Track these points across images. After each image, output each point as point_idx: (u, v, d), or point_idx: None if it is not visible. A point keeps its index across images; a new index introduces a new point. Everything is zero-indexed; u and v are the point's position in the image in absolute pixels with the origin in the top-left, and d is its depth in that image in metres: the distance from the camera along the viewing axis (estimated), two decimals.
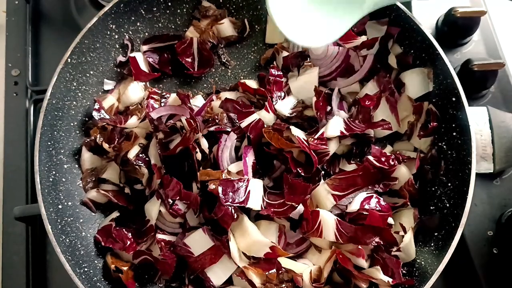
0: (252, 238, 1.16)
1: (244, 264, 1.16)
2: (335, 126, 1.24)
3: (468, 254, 1.26)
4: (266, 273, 1.14)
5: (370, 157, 1.20)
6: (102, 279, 1.21)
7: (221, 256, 1.17)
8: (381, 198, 1.18)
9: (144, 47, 1.44)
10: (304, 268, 1.17)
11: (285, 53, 1.40)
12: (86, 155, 1.33)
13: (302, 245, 1.23)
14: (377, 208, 1.15)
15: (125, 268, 1.21)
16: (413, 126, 1.29)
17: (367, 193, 1.19)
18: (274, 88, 1.33)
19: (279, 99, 1.33)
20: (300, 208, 1.18)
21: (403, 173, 1.23)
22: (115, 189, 1.31)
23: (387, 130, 1.26)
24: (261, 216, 1.23)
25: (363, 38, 1.30)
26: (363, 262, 1.15)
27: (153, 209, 1.25)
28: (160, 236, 1.23)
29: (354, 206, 1.16)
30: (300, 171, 1.21)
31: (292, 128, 1.26)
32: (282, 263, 1.17)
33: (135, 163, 1.26)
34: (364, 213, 1.13)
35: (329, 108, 1.31)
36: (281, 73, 1.36)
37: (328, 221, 1.15)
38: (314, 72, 1.34)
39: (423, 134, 1.25)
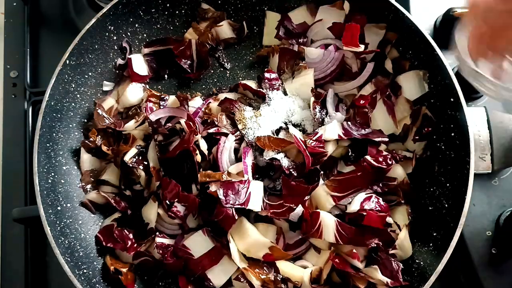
0: (252, 238, 1.17)
1: (244, 265, 1.16)
2: (333, 129, 1.24)
3: (467, 254, 1.26)
4: (263, 277, 1.15)
5: (368, 157, 1.21)
6: (101, 281, 1.21)
7: (221, 257, 1.18)
8: (380, 198, 1.19)
9: (146, 50, 1.45)
10: (301, 273, 1.18)
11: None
12: (85, 156, 1.33)
13: (301, 246, 1.23)
14: (377, 208, 1.15)
15: (124, 270, 1.21)
16: (408, 129, 1.29)
17: (366, 194, 1.19)
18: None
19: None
20: (300, 209, 1.19)
21: (399, 172, 1.24)
22: (115, 191, 1.31)
23: (383, 141, 1.26)
24: (260, 219, 1.23)
25: (362, 47, 1.30)
26: (358, 264, 1.15)
27: (151, 212, 1.25)
28: (159, 240, 1.23)
29: (354, 207, 1.16)
30: (293, 172, 1.22)
31: (290, 127, 1.26)
32: (280, 267, 1.18)
33: (131, 165, 1.26)
34: (364, 213, 1.13)
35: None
36: (277, 75, 1.36)
37: (328, 222, 1.15)
38: (310, 74, 1.35)
39: (418, 138, 1.26)
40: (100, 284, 1.20)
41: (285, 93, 1.36)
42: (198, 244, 1.20)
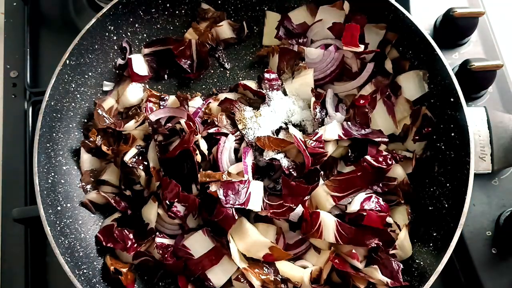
0: (252, 238, 1.17)
1: (244, 265, 1.16)
2: (333, 129, 1.24)
3: (467, 254, 1.26)
4: (263, 277, 1.15)
5: (368, 157, 1.21)
6: (101, 281, 1.21)
7: (221, 258, 1.18)
8: (380, 198, 1.19)
9: (146, 50, 1.45)
10: (301, 273, 1.18)
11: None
12: (85, 156, 1.33)
13: (301, 246, 1.23)
14: (377, 208, 1.15)
15: (124, 270, 1.21)
16: (408, 129, 1.29)
17: (366, 194, 1.19)
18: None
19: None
20: (300, 209, 1.19)
21: (399, 172, 1.24)
22: (115, 191, 1.31)
23: (383, 141, 1.26)
24: (260, 219, 1.23)
25: (362, 47, 1.30)
26: (357, 264, 1.15)
27: (150, 212, 1.25)
28: (159, 240, 1.23)
29: (354, 207, 1.16)
30: (293, 172, 1.22)
31: (290, 127, 1.26)
32: (280, 268, 1.18)
33: (131, 165, 1.26)
34: (364, 213, 1.13)
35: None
36: (276, 76, 1.36)
37: (328, 222, 1.15)
38: (309, 74, 1.35)
39: (418, 138, 1.26)
40: (100, 284, 1.20)
41: (285, 93, 1.36)
42: (198, 244, 1.20)
